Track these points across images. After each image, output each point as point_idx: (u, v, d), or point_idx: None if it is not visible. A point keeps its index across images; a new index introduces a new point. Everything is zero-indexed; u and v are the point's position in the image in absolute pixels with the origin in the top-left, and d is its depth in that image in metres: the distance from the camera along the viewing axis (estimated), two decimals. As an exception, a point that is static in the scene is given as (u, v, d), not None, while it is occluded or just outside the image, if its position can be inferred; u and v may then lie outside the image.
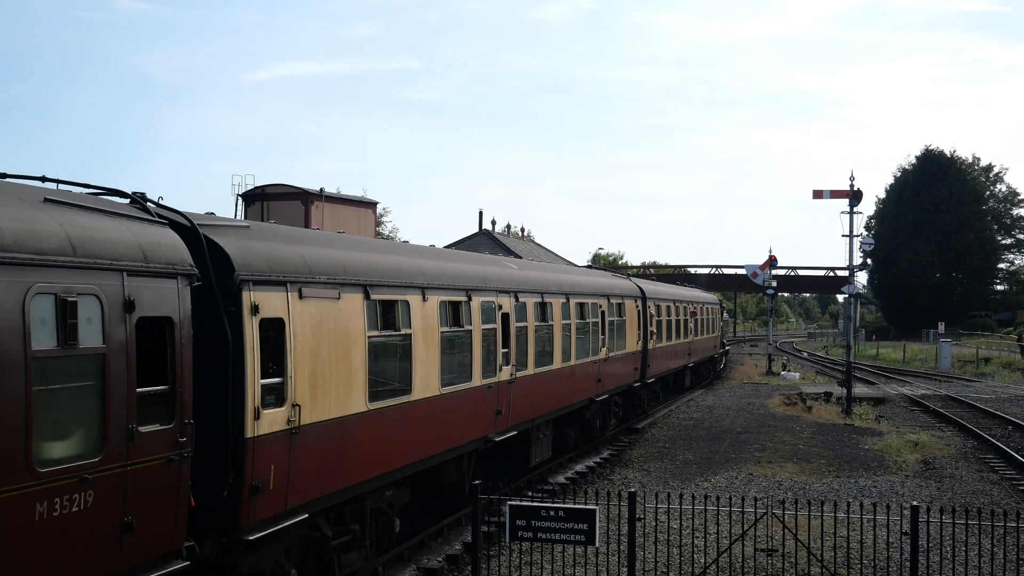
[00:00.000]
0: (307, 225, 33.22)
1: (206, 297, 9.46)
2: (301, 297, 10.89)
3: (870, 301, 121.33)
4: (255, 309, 10.06)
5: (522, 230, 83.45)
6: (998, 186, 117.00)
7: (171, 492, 8.71)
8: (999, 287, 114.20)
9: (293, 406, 10.62)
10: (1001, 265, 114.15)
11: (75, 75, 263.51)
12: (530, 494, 18.73)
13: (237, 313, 9.82)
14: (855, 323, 45.54)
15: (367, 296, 12.36)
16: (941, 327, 78.30)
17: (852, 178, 35.44)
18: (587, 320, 23.30)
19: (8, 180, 8.65)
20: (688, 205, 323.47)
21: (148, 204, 9.51)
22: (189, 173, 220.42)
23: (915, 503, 12.16)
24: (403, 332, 13.40)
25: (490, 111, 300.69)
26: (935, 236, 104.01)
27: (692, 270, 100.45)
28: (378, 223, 54.26)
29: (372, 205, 46.73)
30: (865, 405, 36.05)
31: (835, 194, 36.09)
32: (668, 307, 34.86)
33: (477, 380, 16.04)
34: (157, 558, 8.66)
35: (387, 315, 13.01)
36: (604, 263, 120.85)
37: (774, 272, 60.01)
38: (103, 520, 7.91)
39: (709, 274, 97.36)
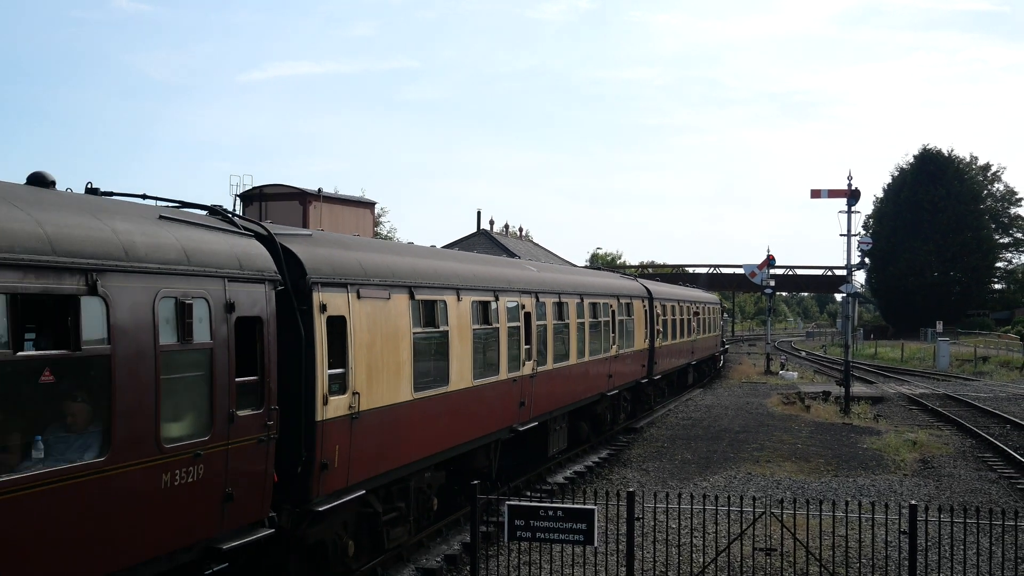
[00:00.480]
0: (304, 226, 33.21)
1: (282, 298, 10.71)
2: (359, 297, 12.29)
3: (868, 300, 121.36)
4: (323, 308, 11.40)
5: (520, 230, 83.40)
6: (996, 185, 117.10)
7: (261, 468, 10.14)
8: (997, 286, 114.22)
9: (353, 394, 11.98)
10: (999, 264, 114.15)
11: (72, 75, 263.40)
12: (528, 494, 18.72)
13: (308, 312, 11.14)
14: (853, 322, 45.56)
15: (412, 296, 13.79)
16: (939, 326, 78.40)
17: (850, 177, 35.52)
18: (599, 319, 24.64)
19: (117, 199, 9.87)
20: (686, 205, 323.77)
21: (234, 218, 10.94)
22: (187, 173, 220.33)
23: (913, 502, 12.17)
24: (441, 329, 14.78)
25: (488, 111, 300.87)
26: (933, 235, 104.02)
27: (690, 270, 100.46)
28: (376, 223, 54.24)
29: (370, 205, 46.71)
30: (863, 404, 36.08)
31: (833, 193, 36.13)
32: (673, 307, 36.25)
33: (503, 374, 17.42)
34: (249, 525, 9.99)
35: (428, 313, 14.40)
36: (602, 263, 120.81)
37: (772, 271, 60.01)
38: (210, 490, 9.29)
39: (708, 273, 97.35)
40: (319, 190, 39.98)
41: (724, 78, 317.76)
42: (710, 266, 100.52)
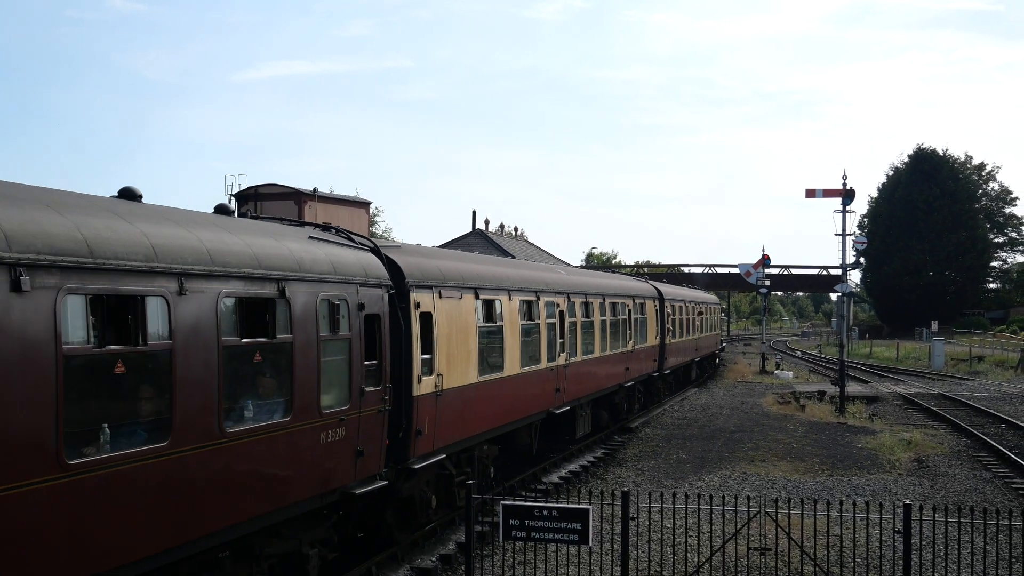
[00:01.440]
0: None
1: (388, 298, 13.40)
2: (440, 297, 14.98)
3: (863, 300, 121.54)
4: (417, 305, 14.10)
5: (515, 229, 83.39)
6: (990, 184, 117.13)
7: (379, 433, 12.93)
8: (992, 285, 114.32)
9: (437, 375, 14.69)
10: (994, 263, 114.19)
11: (67, 75, 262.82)
12: (524, 494, 18.73)
13: (407, 308, 13.83)
14: (848, 322, 45.59)
15: (477, 296, 16.59)
16: (934, 325, 78.44)
17: (845, 177, 35.55)
18: (618, 317, 27.59)
19: (279, 224, 12.78)
20: (681, 204, 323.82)
21: (351, 235, 13.83)
22: (181, 173, 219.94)
23: (908, 502, 12.17)
24: (498, 324, 17.64)
25: (483, 111, 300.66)
26: (928, 235, 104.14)
27: (686, 269, 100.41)
28: (371, 222, 54.15)
29: (365, 205, 46.68)
30: (858, 404, 36.13)
31: (828, 193, 36.14)
32: (681, 307, 39.37)
33: (543, 363, 20.20)
34: (370, 477, 12.75)
35: (488, 310, 17.25)
36: (598, 262, 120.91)
37: (767, 271, 60.01)
38: (349, 448, 12.10)
39: (705, 273, 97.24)
40: (314, 190, 39.90)
41: (719, 78, 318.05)
42: (706, 266, 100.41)
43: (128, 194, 10.02)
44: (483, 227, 71.97)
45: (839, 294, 39.76)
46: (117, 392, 8.69)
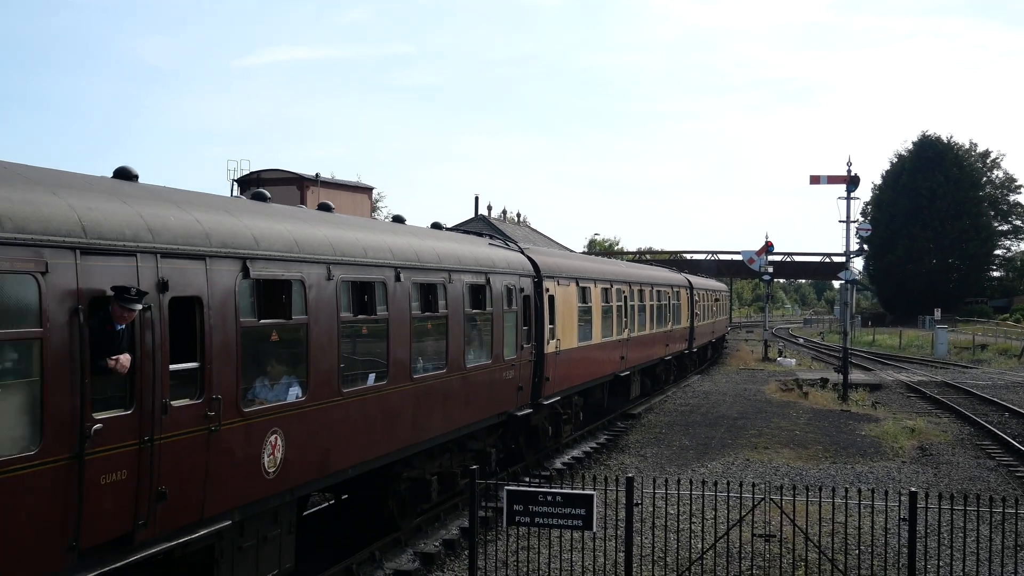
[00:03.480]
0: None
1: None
2: (558, 284, 20.68)
3: (866, 287, 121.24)
4: (547, 290, 19.71)
5: (518, 215, 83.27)
6: (995, 172, 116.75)
7: (529, 376, 18.77)
8: (995, 273, 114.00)
9: (556, 339, 20.29)
10: (998, 251, 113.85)
11: (68, 61, 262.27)
12: (527, 479, 18.72)
13: (541, 293, 19.35)
14: (851, 309, 45.49)
15: (577, 284, 22.39)
16: (937, 313, 78.41)
17: (849, 164, 35.37)
18: (662, 303, 33.72)
19: (472, 235, 18.94)
20: (684, 190, 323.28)
21: (508, 242, 19.85)
22: (184, 158, 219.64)
23: (913, 489, 12.12)
24: (588, 305, 23.39)
25: (485, 97, 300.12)
26: (932, 222, 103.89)
27: (688, 256, 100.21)
28: (373, 208, 54.03)
29: (368, 190, 46.58)
30: (861, 391, 36.07)
31: (832, 179, 36.00)
32: (704, 294, 46.00)
33: (614, 336, 26.09)
34: (524, 404, 18.60)
35: (584, 295, 23.07)
36: (600, 249, 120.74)
37: (770, 258, 59.91)
38: (514, 384, 17.88)
39: (706, 260, 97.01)
40: (316, 175, 39.83)
41: (722, 64, 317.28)
42: (708, 252, 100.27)
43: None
44: (486, 213, 71.84)
45: (842, 281, 39.60)
46: (424, 338, 14.08)
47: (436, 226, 17.51)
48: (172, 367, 8.56)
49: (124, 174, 9.54)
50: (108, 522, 7.86)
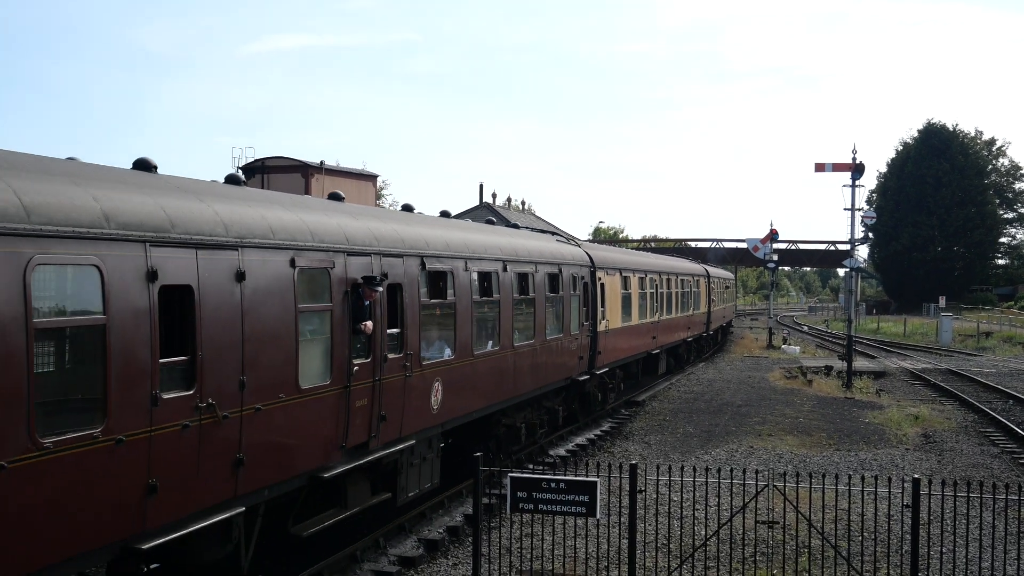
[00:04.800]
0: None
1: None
2: (607, 274, 24.79)
3: (871, 275, 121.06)
4: (599, 279, 23.67)
5: (522, 203, 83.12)
6: (1000, 160, 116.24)
7: (587, 347, 22.44)
8: (1000, 261, 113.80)
9: (605, 320, 24.25)
10: (1003, 239, 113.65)
11: (72, 48, 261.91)
12: (531, 466, 18.75)
13: (593, 280, 23.06)
14: (856, 297, 45.43)
15: (621, 274, 26.52)
16: (942, 301, 78.21)
17: (854, 151, 35.30)
18: (685, 290, 38.16)
19: (544, 234, 22.94)
20: (688, 178, 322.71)
21: (570, 239, 24.02)
22: (189, 145, 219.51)
23: (917, 476, 12.13)
24: (628, 291, 27.39)
25: (490, 84, 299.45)
26: (936, 210, 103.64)
27: (693, 244, 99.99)
28: (378, 196, 54.02)
29: (372, 178, 46.50)
30: (866, 379, 36.07)
31: (837, 167, 35.90)
32: (718, 282, 50.97)
33: (648, 318, 30.37)
34: (583, 373, 22.31)
35: (625, 283, 27.12)
36: (605, 236, 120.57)
37: (775, 246, 59.83)
38: (576, 353, 21.49)
39: (714, 248, 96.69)
40: (321, 162, 39.79)
41: (727, 52, 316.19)
42: (713, 240, 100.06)
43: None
44: (490, 200, 71.76)
45: (847, 269, 39.53)
46: (519, 315, 17.81)
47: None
48: (388, 331, 12.57)
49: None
50: (358, 433, 11.87)
